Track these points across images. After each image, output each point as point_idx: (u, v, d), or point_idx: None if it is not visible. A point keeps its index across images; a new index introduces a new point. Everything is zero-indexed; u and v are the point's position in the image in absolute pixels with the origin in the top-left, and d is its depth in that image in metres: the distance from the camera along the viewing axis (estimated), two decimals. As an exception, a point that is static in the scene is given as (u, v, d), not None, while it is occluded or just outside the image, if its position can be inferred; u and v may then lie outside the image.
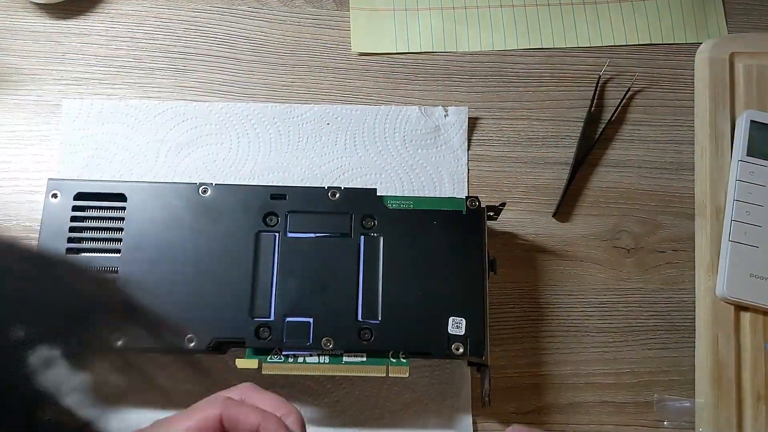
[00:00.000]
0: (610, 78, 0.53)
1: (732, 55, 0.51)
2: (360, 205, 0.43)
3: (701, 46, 0.53)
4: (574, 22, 0.54)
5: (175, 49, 0.52)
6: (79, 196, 0.43)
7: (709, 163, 0.50)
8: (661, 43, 0.54)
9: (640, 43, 0.54)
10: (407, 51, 0.53)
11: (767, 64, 0.51)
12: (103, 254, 0.42)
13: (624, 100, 0.52)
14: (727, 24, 0.55)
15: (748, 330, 0.46)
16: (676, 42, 0.54)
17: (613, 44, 0.54)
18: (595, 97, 0.52)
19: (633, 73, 0.53)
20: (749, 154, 0.49)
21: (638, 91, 0.53)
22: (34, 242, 0.43)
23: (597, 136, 0.52)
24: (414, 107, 0.51)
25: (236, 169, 0.49)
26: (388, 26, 0.54)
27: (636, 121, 0.52)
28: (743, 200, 0.48)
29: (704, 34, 0.54)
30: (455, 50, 0.53)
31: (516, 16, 0.54)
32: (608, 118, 0.52)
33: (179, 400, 0.44)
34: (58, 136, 0.49)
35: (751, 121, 0.49)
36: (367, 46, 0.53)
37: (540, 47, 0.54)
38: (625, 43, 0.54)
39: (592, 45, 0.54)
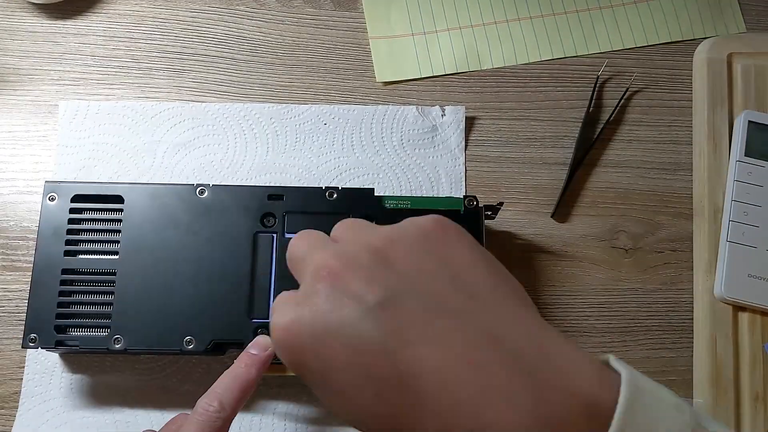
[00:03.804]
0: (609, 78, 0.53)
1: (730, 56, 0.51)
2: (358, 205, 0.43)
3: (699, 46, 0.53)
4: (593, 28, 0.54)
5: (172, 50, 0.52)
6: (76, 198, 0.43)
7: (707, 164, 0.50)
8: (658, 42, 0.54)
9: (661, 42, 0.54)
10: (432, 75, 0.52)
11: (765, 64, 0.51)
12: (100, 256, 0.42)
13: (622, 101, 0.52)
14: (746, 25, 0.55)
15: (746, 330, 0.46)
16: (696, 37, 0.54)
17: (634, 45, 0.54)
18: (594, 97, 0.52)
19: (631, 74, 0.53)
20: (747, 154, 0.49)
21: (636, 91, 0.53)
22: (32, 243, 0.43)
23: (595, 136, 0.52)
24: (411, 107, 0.51)
25: (233, 170, 0.49)
26: (409, 52, 0.53)
27: (634, 121, 0.52)
28: (741, 200, 0.48)
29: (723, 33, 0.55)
30: (479, 68, 0.53)
31: (535, 27, 0.54)
32: (606, 118, 0.52)
33: (180, 400, 0.44)
34: (56, 137, 0.49)
35: (749, 122, 0.49)
36: (391, 74, 0.52)
37: (563, 56, 0.54)
38: (645, 43, 0.54)
39: (614, 49, 0.54)
